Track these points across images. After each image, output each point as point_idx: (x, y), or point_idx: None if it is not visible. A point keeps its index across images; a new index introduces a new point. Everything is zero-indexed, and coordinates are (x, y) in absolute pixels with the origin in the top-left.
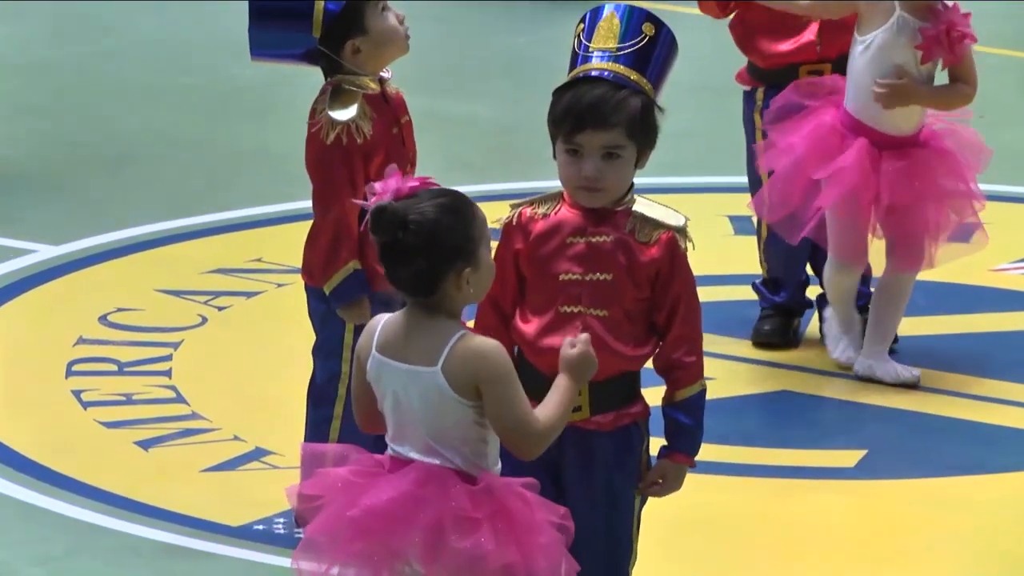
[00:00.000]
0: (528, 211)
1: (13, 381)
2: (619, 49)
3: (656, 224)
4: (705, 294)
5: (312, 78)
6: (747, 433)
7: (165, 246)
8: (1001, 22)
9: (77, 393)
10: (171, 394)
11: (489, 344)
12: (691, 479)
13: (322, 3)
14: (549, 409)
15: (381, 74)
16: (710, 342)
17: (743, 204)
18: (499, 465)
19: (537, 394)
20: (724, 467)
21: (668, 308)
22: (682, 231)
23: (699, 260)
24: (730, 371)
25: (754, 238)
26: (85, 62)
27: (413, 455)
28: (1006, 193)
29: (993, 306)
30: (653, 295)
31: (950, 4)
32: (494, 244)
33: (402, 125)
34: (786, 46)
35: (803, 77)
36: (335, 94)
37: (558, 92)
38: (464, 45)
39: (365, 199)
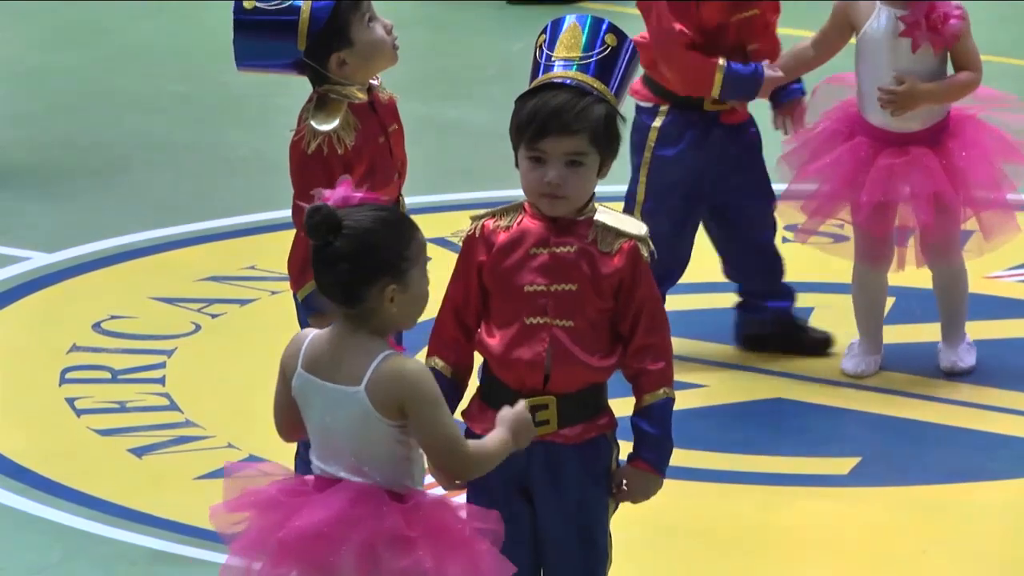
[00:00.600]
0: (490, 223)
1: (7, 388)
2: (582, 58)
3: (618, 233)
4: (698, 302)
5: (306, 85)
6: (740, 440)
7: (159, 253)
8: (996, 29)
9: (71, 401)
10: (165, 402)
11: (414, 365)
12: (683, 486)
13: (307, 15)
14: (483, 447)
15: (370, 81)
16: (702, 350)
17: None
18: (423, 483)
19: (502, 407)
20: (717, 474)
21: (632, 317)
22: (643, 240)
23: (695, 269)
24: (722, 379)
25: None
26: (79, 69)
27: (341, 474)
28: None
29: (987, 313)
30: (617, 304)
31: None
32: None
33: (389, 134)
34: None
35: (707, 105)
36: (320, 103)
37: (521, 99)
38: (458, 51)
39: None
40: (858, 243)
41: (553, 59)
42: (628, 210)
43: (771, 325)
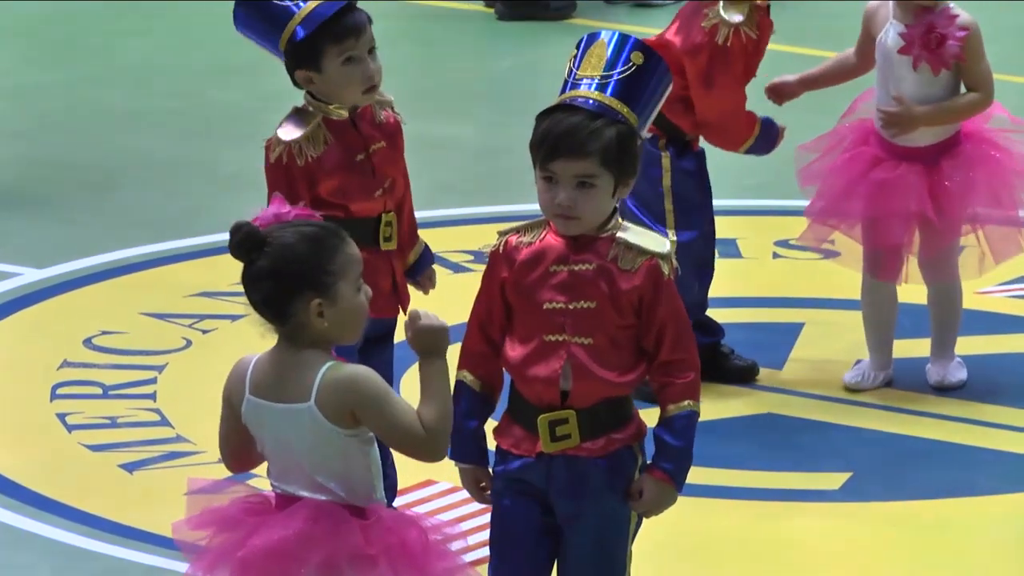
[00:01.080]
0: (514, 239)
1: None
2: (603, 77)
3: (640, 251)
4: None
5: (297, 103)
6: (732, 456)
7: (149, 269)
8: (988, 46)
9: (62, 416)
10: (156, 417)
11: (357, 370)
12: (677, 502)
13: (295, 23)
14: (429, 402)
15: (381, 98)
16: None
17: (726, 227)
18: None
19: (525, 422)
20: (709, 490)
21: (655, 334)
22: (666, 257)
23: None
24: (715, 394)
25: (736, 260)
26: (70, 86)
27: (302, 493)
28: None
29: (979, 329)
30: (639, 322)
31: (943, 5)
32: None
33: (372, 152)
34: None
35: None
36: (295, 114)
37: (540, 117)
38: (446, 67)
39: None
40: (864, 254)
41: (579, 77)
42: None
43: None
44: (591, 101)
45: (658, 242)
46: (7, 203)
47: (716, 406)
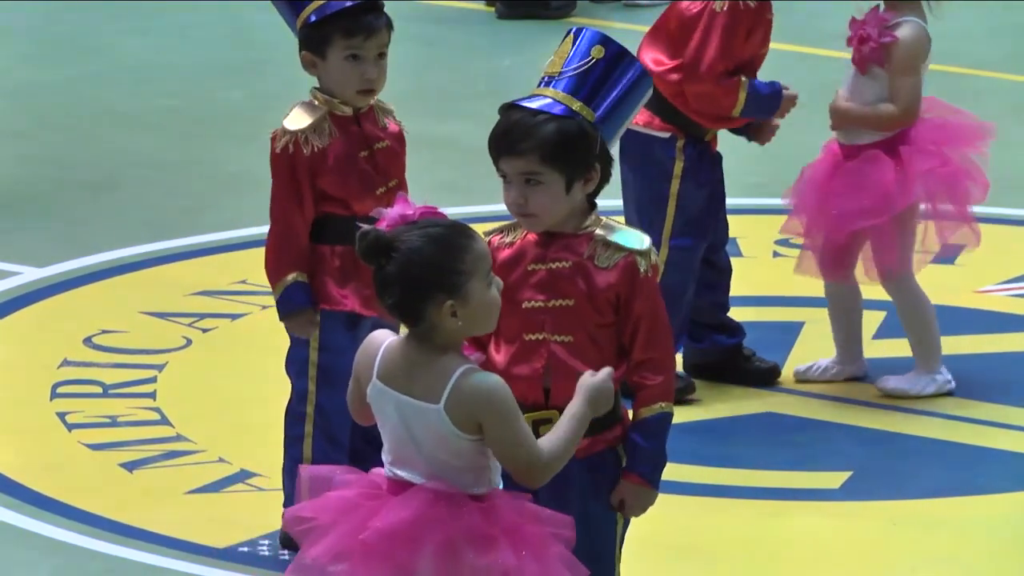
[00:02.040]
0: (496, 240)
1: None
2: (560, 75)
3: (617, 248)
4: None
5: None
6: (732, 455)
7: (149, 268)
8: (985, 45)
9: (62, 415)
10: (156, 416)
11: (491, 381)
12: (674, 501)
13: (311, 8)
14: (557, 438)
15: (381, 105)
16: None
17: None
18: (500, 483)
19: None
20: (709, 489)
21: (631, 331)
22: (644, 254)
23: None
24: (715, 393)
25: (736, 259)
26: (69, 85)
27: (418, 480)
28: (991, 215)
29: (978, 328)
30: (618, 319)
31: (889, 8)
32: None
33: (375, 150)
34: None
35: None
36: (302, 107)
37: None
38: (448, 67)
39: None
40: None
41: (544, 75)
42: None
43: (715, 356)
44: (548, 99)
45: (637, 239)
46: (7, 202)
47: (716, 405)
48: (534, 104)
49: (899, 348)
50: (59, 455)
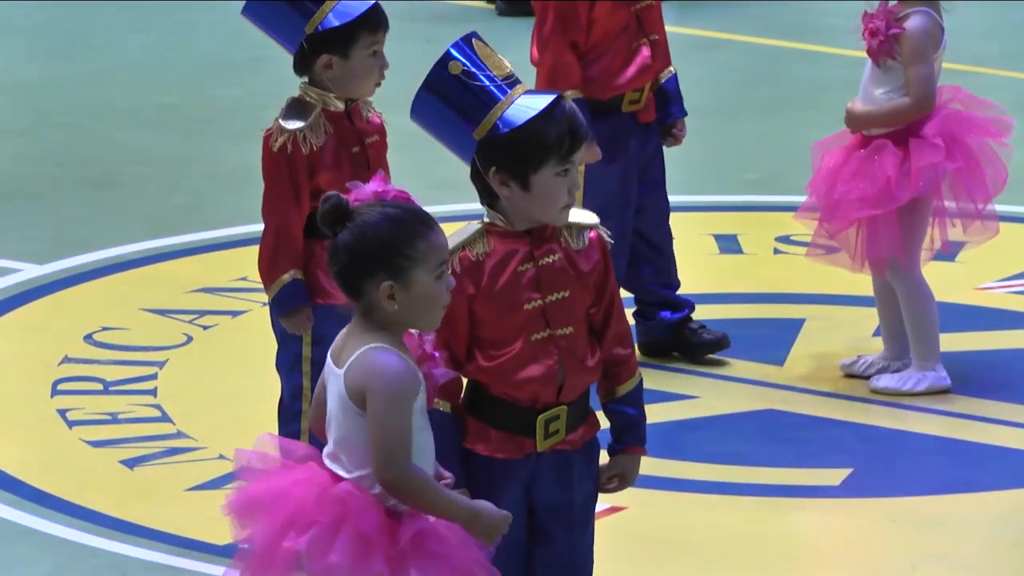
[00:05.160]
0: (469, 254)
1: None
2: (512, 72)
3: (580, 227)
4: (694, 313)
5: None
6: (732, 452)
7: (150, 265)
8: (984, 42)
9: (62, 412)
10: (156, 413)
11: (392, 362)
12: (674, 498)
13: (329, 8)
14: (430, 487)
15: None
16: (696, 361)
17: (727, 223)
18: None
19: (508, 425)
20: (710, 485)
21: (605, 306)
22: (599, 224)
23: (687, 279)
24: (716, 390)
25: (737, 256)
26: (68, 82)
27: (325, 458)
28: (991, 212)
29: (979, 325)
30: (594, 297)
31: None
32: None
33: (367, 145)
34: (628, 73)
35: (625, 106)
36: (295, 104)
37: (538, 121)
38: None
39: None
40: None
41: (500, 80)
42: None
43: (664, 333)
44: (540, 92)
45: (586, 214)
46: (8, 199)
47: (717, 402)
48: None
49: None
50: (60, 452)
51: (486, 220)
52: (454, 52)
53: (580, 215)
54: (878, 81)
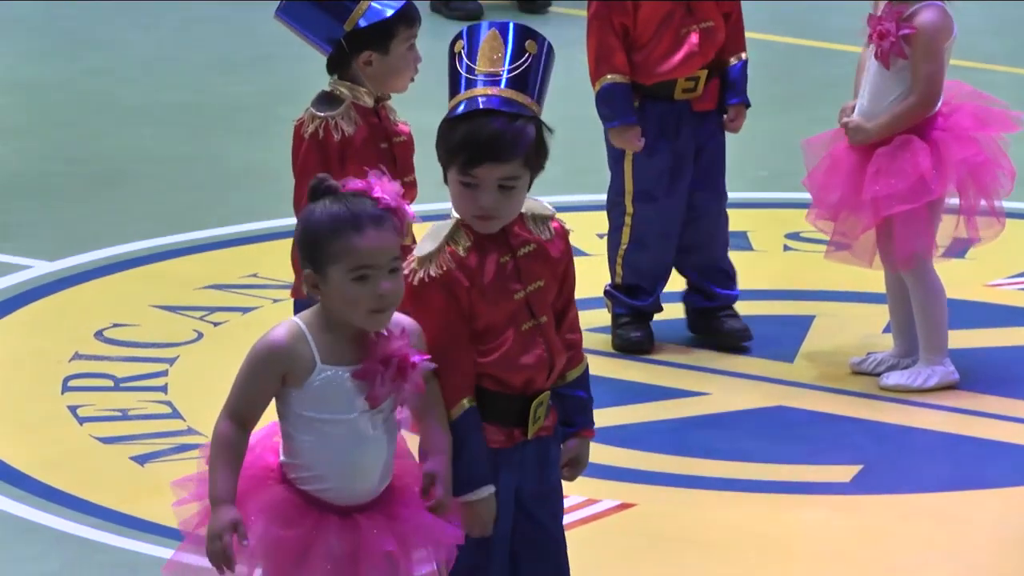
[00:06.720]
0: (456, 250)
1: (9, 397)
2: (508, 72)
3: (542, 217)
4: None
5: (306, 96)
6: (742, 449)
7: (160, 262)
8: (991, 39)
9: (73, 409)
10: (167, 409)
11: (274, 332)
12: (684, 495)
13: (366, 6)
14: (220, 452)
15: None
16: (706, 358)
17: (737, 219)
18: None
19: (500, 416)
20: (719, 482)
21: (565, 293)
22: (557, 216)
23: None
24: (725, 387)
25: (747, 253)
26: (77, 80)
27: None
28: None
29: (988, 322)
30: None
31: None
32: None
33: (394, 143)
34: (673, 60)
35: (678, 94)
36: (325, 97)
37: (450, 123)
38: None
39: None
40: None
41: (477, 72)
42: (615, 209)
43: (692, 316)
44: (498, 100)
45: (543, 205)
46: (17, 196)
47: (725, 399)
48: (501, 107)
49: None
50: (70, 449)
51: (453, 213)
52: (465, 32)
53: (537, 206)
54: (888, 87)
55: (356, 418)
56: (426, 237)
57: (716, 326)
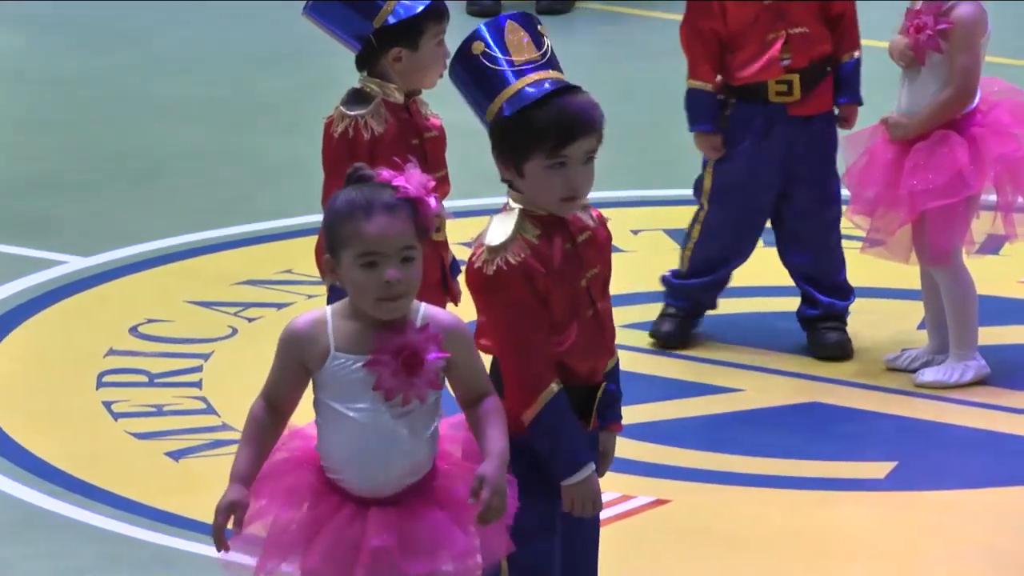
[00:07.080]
0: (528, 238)
1: (44, 392)
2: (546, 55)
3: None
4: (736, 306)
5: (339, 91)
6: (777, 445)
7: (195, 258)
8: (1015, 35)
9: (108, 404)
10: (201, 405)
11: (299, 319)
12: (719, 491)
13: (394, 3)
14: (249, 433)
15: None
16: (741, 354)
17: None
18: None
19: (573, 407)
20: (755, 479)
21: (607, 279)
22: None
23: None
24: (760, 383)
25: (768, 249)
26: (113, 76)
27: None
28: None
29: (1021, 318)
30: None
31: None
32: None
33: (425, 139)
34: (755, 65)
35: (772, 96)
36: (355, 94)
37: (523, 112)
38: None
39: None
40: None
41: (517, 64)
42: (697, 198)
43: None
44: (557, 80)
45: None
46: (53, 192)
47: (760, 395)
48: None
49: None
50: (105, 444)
51: (511, 204)
52: (482, 31)
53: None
54: (924, 86)
55: (370, 409)
56: (492, 228)
57: (813, 337)
